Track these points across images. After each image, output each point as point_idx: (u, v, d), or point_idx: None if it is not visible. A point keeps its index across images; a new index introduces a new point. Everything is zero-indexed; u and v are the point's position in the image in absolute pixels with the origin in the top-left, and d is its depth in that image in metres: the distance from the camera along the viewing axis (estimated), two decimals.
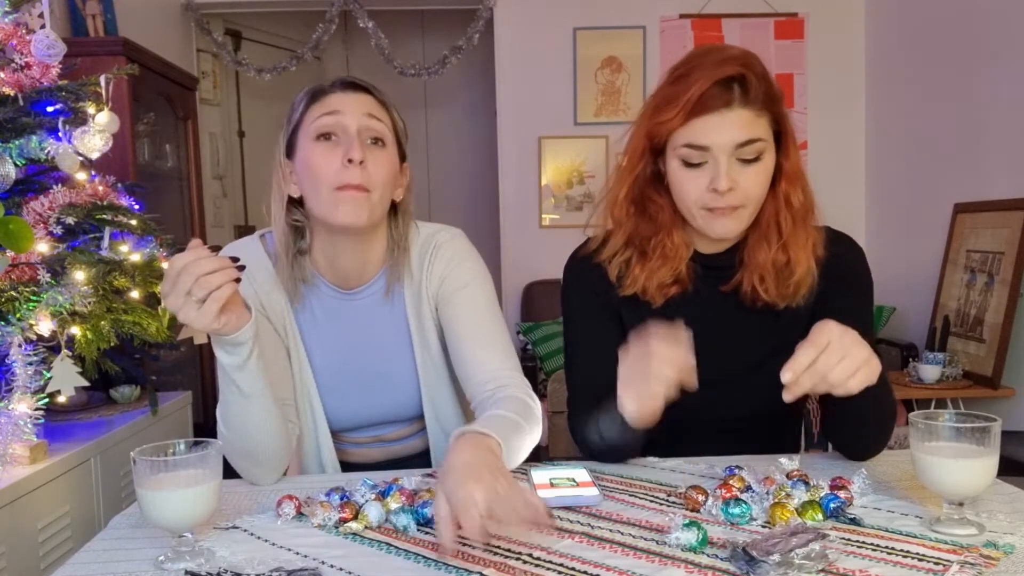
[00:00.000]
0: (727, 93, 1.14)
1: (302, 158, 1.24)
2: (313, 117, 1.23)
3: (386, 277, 1.33)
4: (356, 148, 1.20)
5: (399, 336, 1.35)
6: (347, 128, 1.22)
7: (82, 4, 3.02)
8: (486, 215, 4.39)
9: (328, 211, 1.22)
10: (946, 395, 2.84)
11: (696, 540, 0.90)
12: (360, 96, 1.26)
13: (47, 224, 1.73)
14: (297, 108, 1.27)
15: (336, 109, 1.23)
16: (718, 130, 1.15)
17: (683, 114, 1.15)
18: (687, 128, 1.16)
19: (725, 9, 3.96)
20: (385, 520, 1.01)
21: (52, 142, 1.72)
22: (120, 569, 0.91)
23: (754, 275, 1.24)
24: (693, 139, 1.16)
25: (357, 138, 1.21)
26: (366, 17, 4.02)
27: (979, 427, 0.94)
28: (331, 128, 1.22)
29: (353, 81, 1.27)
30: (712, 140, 1.15)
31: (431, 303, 1.34)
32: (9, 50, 1.78)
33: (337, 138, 1.22)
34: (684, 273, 1.26)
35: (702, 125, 1.15)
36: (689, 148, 1.17)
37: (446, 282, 1.32)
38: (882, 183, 3.94)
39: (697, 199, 1.19)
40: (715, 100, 1.14)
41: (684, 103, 1.15)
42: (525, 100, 4.10)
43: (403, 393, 1.36)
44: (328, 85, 1.27)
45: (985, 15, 3.11)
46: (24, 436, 1.54)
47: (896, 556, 0.88)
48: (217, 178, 4.45)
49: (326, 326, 1.34)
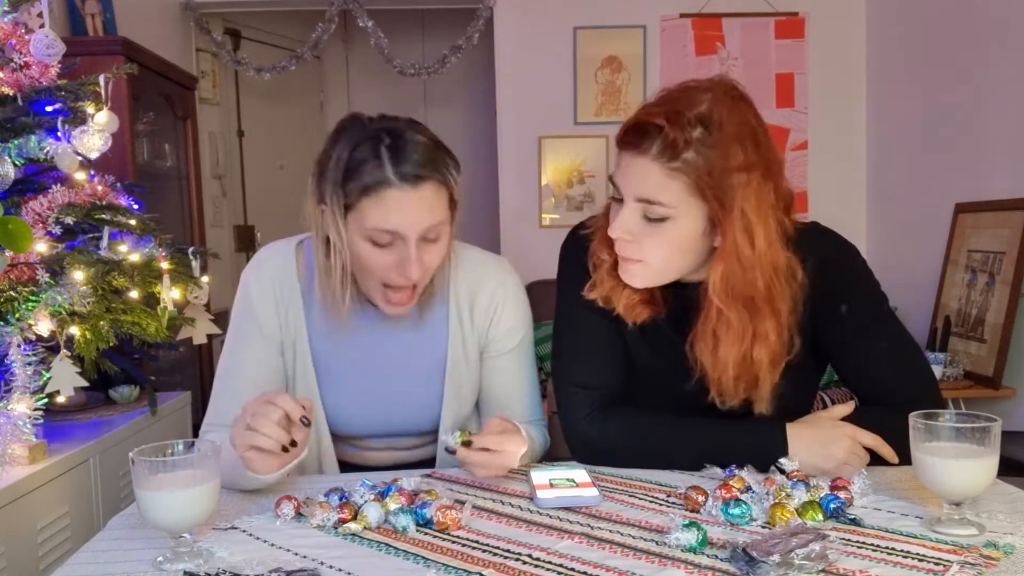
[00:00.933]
0: (644, 138, 1.09)
1: (356, 249, 1.18)
2: (367, 222, 1.14)
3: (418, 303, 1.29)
4: (413, 268, 1.16)
5: (434, 361, 1.34)
6: (407, 240, 1.15)
7: (81, 4, 3.01)
8: (486, 215, 4.39)
9: (374, 297, 1.24)
10: (947, 395, 2.83)
11: (696, 540, 0.90)
12: (423, 193, 1.15)
13: (46, 224, 1.73)
14: (351, 193, 1.15)
15: (396, 228, 1.14)
16: (627, 173, 1.12)
17: (618, 137, 1.14)
18: (618, 159, 1.15)
19: (725, 8, 3.95)
20: (384, 521, 1.01)
21: (51, 142, 1.72)
22: (119, 570, 0.91)
23: (716, 375, 1.18)
24: (615, 174, 1.15)
25: (415, 251, 1.16)
26: (366, 16, 4.02)
27: (979, 427, 0.94)
28: (388, 241, 1.16)
29: (415, 173, 1.14)
30: (623, 182, 1.13)
31: (480, 342, 1.36)
32: (8, 50, 1.77)
33: (393, 246, 1.17)
34: (659, 298, 1.22)
35: (622, 160, 1.13)
36: (612, 182, 1.16)
37: (509, 335, 1.35)
38: (883, 183, 3.93)
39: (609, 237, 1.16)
40: (632, 139, 1.11)
41: (621, 127, 1.13)
42: (525, 100, 4.09)
43: (423, 411, 1.36)
44: (387, 174, 1.13)
45: (986, 15, 3.11)
46: (23, 436, 1.54)
47: (896, 556, 0.88)
48: (216, 178, 4.44)
49: (352, 340, 1.32)
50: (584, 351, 1.29)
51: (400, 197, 1.14)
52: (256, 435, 1.05)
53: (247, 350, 1.31)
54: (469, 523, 1.01)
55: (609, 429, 1.24)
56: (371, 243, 1.17)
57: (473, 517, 1.03)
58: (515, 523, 1.02)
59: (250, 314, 1.31)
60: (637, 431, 1.23)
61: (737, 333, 1.14)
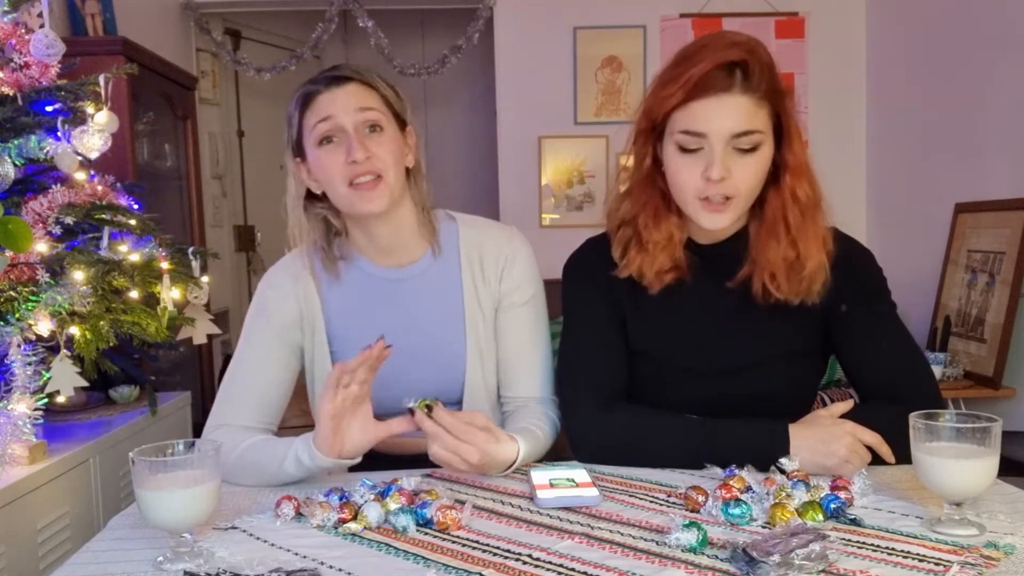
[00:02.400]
0: (728, 77, 1.14)
1: (312, 161, 1.31)
2: (311, 124, 1.29)
3: (431, 247, 1.39)
4: (356, 148, 1.26)
5: (452, 316, 1.39)
6: (344, 128, 1.27)
7: (81, 3, 3.01)
8: (486, 215, 4.36)
9: (349, 205, 1.30)
10: (947, 395, 2.83)
11: (696, 541, 0.90)
12: (348, 88, 1.29)
13: (46, 224, 1.73)
14: (294, 115, 1.32)
15: (329, 114, 1.27)
16: (716, 116, 1.15)
17: (682, 92, 1.15)
18: (685, 111, 1.16)
19: (725, 8, 3.95)
20: (384, 521, 1.01)
21: (51, 142, 1.72)
22: (119, 570, 0.91)
23: (764, 272, 1.23)
24: (690, 125, 1.16)
25: (355, 135, 1.27)
26: (366, 17, 4.02)
27: (979, 427, 0.94)
28: (329, 133, 1.28)
29: (338, 75, 1.30)
30: (709, 127, 1.15)
31: (494, 299, 1.40)
32: (8, 50, 1.77)
33: (337, 139, 1.28)
34: (682, 261, 1.26)
35: (701, 108, 1.15)
36: (686, 135, 1.17)
37: (519, 289, 1.39)
38: (883, 183, 3.93)
39: (691, 187, 1.18)
40: (715, 83, 1.14)
41: (684, 82, 1.14)
42: (525, 100, 4.09)
43: (449, 370, 1.38)
44: (315, 83, 1.30)
45: (986, 15, 3.11)
46: (23, 436, 1.54)
47: (896, 556, 0.88)
48: (216, 178, 4.44)
49: (366, 310, 1.37)
50: (584, 351, 1.31)
51: (328, 96, 1.28)
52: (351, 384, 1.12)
53: (255, 354, 1.35)
54: (469, 523, 1.01)
55: (609, 426, 1.25)
56: (318, 146, 1.28)
57: (473, 517, 1.03)
58: (515, 523, 1.02)
59: (264, 317, 1.36)
60: (637, 427, 1.24)
61: (796, 231, 1.20)
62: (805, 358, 1.31)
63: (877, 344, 1.25)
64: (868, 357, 1.26)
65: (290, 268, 1.39)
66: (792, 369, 1.29)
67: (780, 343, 1.27)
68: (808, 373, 1.33)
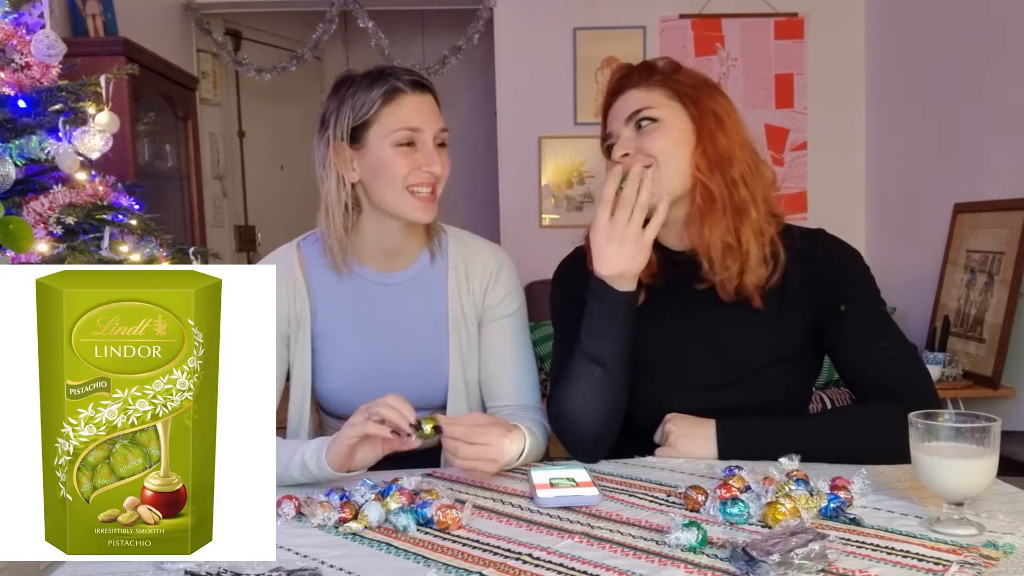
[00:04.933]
0: (622, 83, 1.30)
1: (377, 156, 1.32)
2: (391, 126, 1.31)
3: (428, 254, 1.43)
4: (436, 162, 1.32)
5: (435, 321, 1.41)
6: (427, 142, 1.32)
7: (82, 4, 3.01)
8: (486, 215, 4.39)
9: (399, 206, 1.32)
10: (946, 395, 2.83)
11: (696, 540, 0.90)
12: (431, 101, 1.34)
13: (47, 224, 1.73)
14: (369, 104, 1.31)
15: (419, 125, 1.31)
16: (613, 116, 1.30)
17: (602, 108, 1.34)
18: (605, 121, 1.34)
19: (725, 9, 3.95)
20: (385, 520, 1.01)
21: (52, 142, 1.72)
22: (119, 569, 0.91)
23: (704, 260, 1.25)
24: (608, 127, 1.32)
25: (435, 149, 1.33)
26: (366, 17, 4.02)
27: (979, 427, 0.94)
28: (413, 139, 1.32)
29: (421, 81, 1.34)
30: (613, 125, 1.29)
31: (477, 311, 1.42)
32: (9, 50, 1.78)
33: (415, 146, 1.32)
34: (655, 264, 1.27)
35: (609, 114, 1.32)
36: (605, 148, 1.33)
37: (504, 303, 1.42)
38: (882, 183, 3.94)
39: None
40: (612, 90, 1.31)
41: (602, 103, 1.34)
42: (525, 100, 4.09)
43: (431, 374, 1.40)
44: (399, 83, 1.31)
45: (985, 15, 3.11)
46: None
47: (896, 556, 0.88)
48: (217, 178, 4.44)
49: (352, 310, 1.39)
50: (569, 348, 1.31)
51: (414, 102, 1.32)
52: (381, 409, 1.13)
53: None
54: (469, 522, 1.01)
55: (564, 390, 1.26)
56: (396, 146, 1.30)
57: (473, 516, 1.03)
58: (515, 522, 1.02)
59: None
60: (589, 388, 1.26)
61: (720, 208, 1.23)
62: (796, 364, 1.30)
63: (871, 344, 1.25)
64: (863, 357, 1.26)
65: (281, 263, 1.40)
66: (785, 375, 1.29)
67: (764, 342, 1.27)
68: (802, 374, 1.33)
